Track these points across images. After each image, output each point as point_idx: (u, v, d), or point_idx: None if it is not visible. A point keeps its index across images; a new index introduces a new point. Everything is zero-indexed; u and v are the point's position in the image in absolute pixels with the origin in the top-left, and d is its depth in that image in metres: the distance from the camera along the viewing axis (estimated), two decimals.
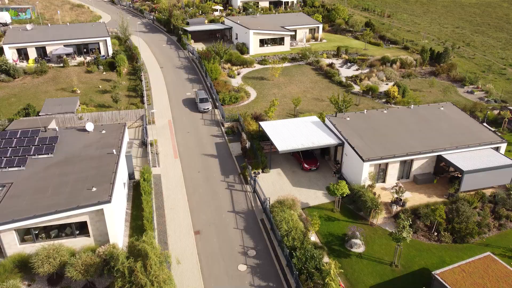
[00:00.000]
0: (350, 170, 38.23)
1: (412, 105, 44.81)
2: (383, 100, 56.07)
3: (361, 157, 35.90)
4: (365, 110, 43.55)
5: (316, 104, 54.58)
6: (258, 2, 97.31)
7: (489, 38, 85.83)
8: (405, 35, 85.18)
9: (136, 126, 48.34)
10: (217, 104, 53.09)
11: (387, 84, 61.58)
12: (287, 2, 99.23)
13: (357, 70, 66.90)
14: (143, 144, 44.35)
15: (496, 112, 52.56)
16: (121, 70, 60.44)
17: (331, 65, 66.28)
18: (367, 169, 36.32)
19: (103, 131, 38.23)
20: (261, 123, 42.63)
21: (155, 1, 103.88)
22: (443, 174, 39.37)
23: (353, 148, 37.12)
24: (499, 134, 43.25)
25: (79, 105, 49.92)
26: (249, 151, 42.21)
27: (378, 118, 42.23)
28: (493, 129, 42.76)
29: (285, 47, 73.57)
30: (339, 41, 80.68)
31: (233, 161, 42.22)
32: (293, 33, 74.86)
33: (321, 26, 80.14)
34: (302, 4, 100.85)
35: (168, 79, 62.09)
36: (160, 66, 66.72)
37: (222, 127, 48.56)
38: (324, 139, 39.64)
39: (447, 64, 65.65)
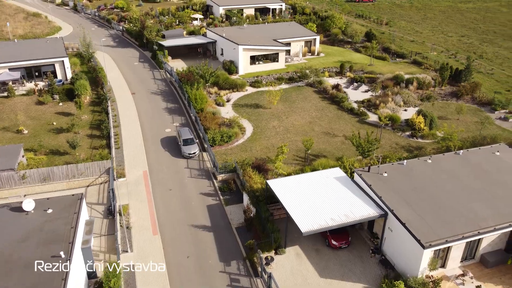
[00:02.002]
0: (399, 252, 27.84)
1: (461, 151, 34.86)
2: (407, 133, 46.13)
3: (419, 242, 25.54)
4: (404, 161, 33.26)
5: (328, 141, 44.11)
6: (242, 10, 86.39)
7: (500, 49, 77.70)
8: (409, 46, 76.02)
9: (101, 183, 36.66)
10: (206, 145, 41.88)
11: (405, 110, 51.74)
12: (275, 9, 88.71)
13: (366, 92, 56.90)
14: (110, 213, 32.74)
15: None
16: (82, 100, 48.42)
17: (337, 86, 56.01)
18: (428, 256, 26.02)
19: (49, 210, 26.56)
20: (269, 182, 31.72)
21: (124, 9, 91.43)
22: None
23: (404, 225, 26.72)
24: None
25: (23, 156, 37.76)
26: (255, 221, 31.29)
27: (422, 172, 32.05)
28: None
29: (280, 64, 62.96)
30: (339, 54, 70.70)
31: (233, 237, 31.16)
32: (288, 47, 64.33)
33: (318, 38, 69.93)
34: (292, 11, 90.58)
35: (142, 109, 50.39)
36: (131, 92, 54.83)
37: (215, 181, 37.40)
38: (360, 208, 29.07)
39: (470, 84, 56.48)
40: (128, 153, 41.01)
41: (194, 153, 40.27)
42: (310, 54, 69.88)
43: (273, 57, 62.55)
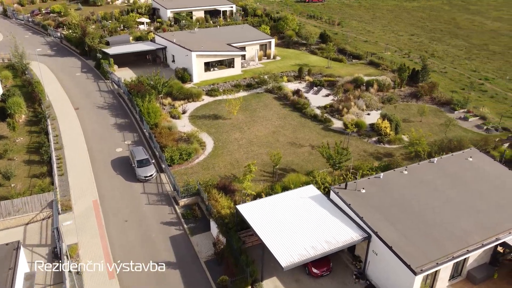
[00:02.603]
0: (386, 277, 25.68)
1: (435, 159, 33.53)
2: (374, 139, 44.66)
3: (410, 268, 23.44)
4: (381, 174, 31.33)
5: (294, 152, 41.58)
6: (191, 12, 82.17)
7: (449, 47, 79.43)
8: (363, 47, 75.64)
9: (43, 218, 31.69)
10: (164, 166, 37.86)
11: (368, 114, 50.47)
12: (225, 11, 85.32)
13: (327, 96, 55.16)
14: (55, 256, 28.06)
15: (505, 145, 43.61)
16: (16, 120, 42.57)
17: (297, 92, 53.75)
18: (419, 282, 24.01)
19: None
20: (239, 208, 28.50)
21: (62, 14, 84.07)
22: (500, 261, 28.38)
23: (391, 248, 24.58)
24: None
25: None
26: (226, 253, 27.96)
27: (401, 185, 30.26)
28: None
29: (236, 70, 59.77)
30: (295, 57, 68.69)
31: (203, 273, 27.64)
32: (245, 52, 61.31)
33: (273, 41, 67.47)
34: (243, 13, 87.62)
35: (88, 126, 45.24)
36: (74, 107, 49.30)
37: (177, 207, 33.57)
38: (341, 231, 26.60)
39: (428, 84, 56.38)
40: (74, 180, 36.10)
41: (151, 175, 36.14)
42: (266, 58, 67.30)
43: (229, 63, 59.26)
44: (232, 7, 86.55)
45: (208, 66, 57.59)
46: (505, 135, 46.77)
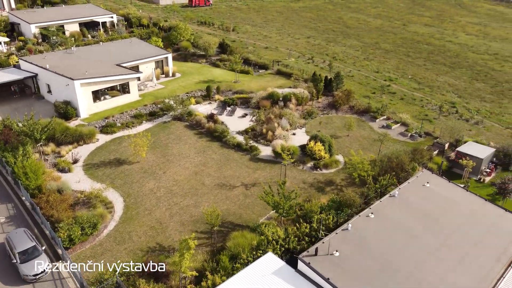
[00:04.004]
0: None
1: (396, 192, 29.57)
2: (309, 165, 39.85)
3: None
4: (349, 225, 26.07)
5: (227, 197, 34.53)
6: (63, 26, 68.66)
7: (346, 47, 79.58)
8: (266, 54, 71.31)
9: None
10: (60, 251, 27.59)
11: (294, 134, 45.70)
12: (105, 22, 73.36)
13: (243, 117, 49.02)
14: None
15: (435, 152, 42.50)
16: None
17: (212, 117, 46.51)
18: None
19: None
20: None
21: None
22: None
23: None
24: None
25: None
26: None
27: (373, 235, 25.43)
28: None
29: (133, 96, 50.02)
30: (197, 72, 61.10)
31: None
32: (140, 73, 51.74)
33: (170, 56, 58.85)
34: (126, 23, 76.50)
35: None
36: None
37: None
38: None
39: (343, 92, 53.82)
40: None
41: (43, 272, 25.75)
42: (164, 76, 58.45)
43: (123, 88, 49.28)
44: (112, 17, 74.97)
45: (97, 94, 46.93)
46: (429, 141, 46.01)
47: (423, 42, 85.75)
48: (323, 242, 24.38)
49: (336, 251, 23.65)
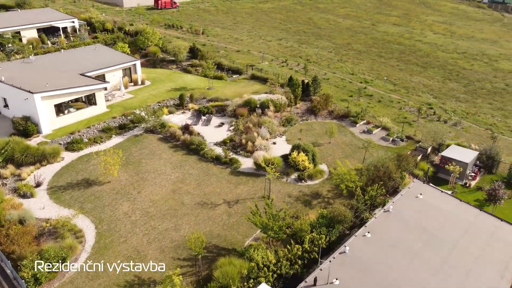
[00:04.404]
0: None
1: (390, 206, 28.06)
2: (293, 177, 37.96)
3: None
4: (346, 247, 24.24)
5: (209, 217, 32.09)
6: (19, 33, 63.75)
7: (318, 49, 78.40)
8: (238, 58, 69.01)
9: None
10: None
11: (274, 143, 43.72)
12: (65, 27, 68.81)
13: (220, 126, 46.60)
14: None
15: (418, 158, 41.63)
16: None
17: (187, 128, 43.81)
18: None
19: None
20: None
21: None
22: None
23: None
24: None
25: None
26: None
27: (373, 258, 23.80)
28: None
29: (100, 108, 46.54)
30: (167, 79, 58.04)
31: None
32: (107, 83, 48.27)
33: (138, 62, 55.52)
34: (88, 28, 72.12)
35: None
36: None
37: None
38: None
39: (321, 96, 52.32)
40: None
41: None
42: (132, 84, 55.06)
43: (89, 99, 45.74)
44: (73, 21, 70.49)
45: (60, 108, 43.24)
46: (412, 145, 45.19)
47: (393, 42, 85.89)
48: (321, 269, 22.46)
49: (336, 279, 21.78)
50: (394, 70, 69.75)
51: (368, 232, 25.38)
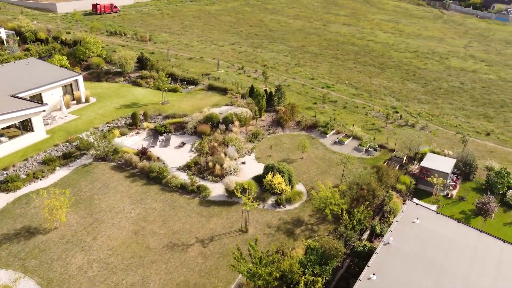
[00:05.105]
0: None
1: (390, 238, 25.11)
2: (270, 202, 34.27)
3: None
4: None
5: (182, 262, 27.56)
6: None
7: (274, 53, 75.38)
8: (191, 66, 64.24)
9: None
10: None
11: (243, 163, 39.77)
12: None
13: (180, 146, 41.88)
14: None
15: (396, 168, 39.59)
16: None
17: (144, 152, 38.69)
18: None
19: None
20: None
21: None
22: None
23: None
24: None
25: None
26: None
27: None
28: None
29: (39, 134, 40.08)
30: (115, 94, 52.18)
31: None
32: (46, 105, 41.77)
33: (80, 77, 49.18)
34: (18, 38, 63.84)
35: None
36: None
37: None
38: None
39: (287, 107, 49.11)
40: None
41: None
42: (75, 103, 48.70)
43: (24, 125, 39.19)
44: None
45: None
46: (386, 154, 43.17)
47: (347, 42, 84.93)
48: None
49: None
50: (353, 73, 68.28)
51: (374, 274, 22.26)
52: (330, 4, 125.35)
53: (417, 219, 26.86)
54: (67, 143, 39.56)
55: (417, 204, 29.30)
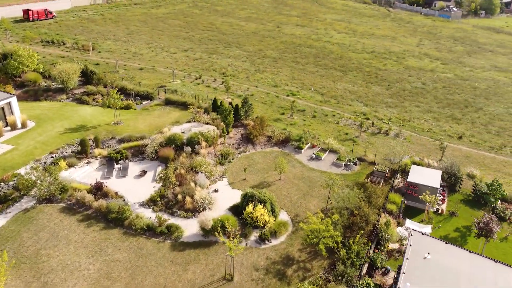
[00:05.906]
0: None
1: (408, 285, 21.75)
2: (253, 238, 30.02)
3: None
4: None
5: None
6: None
7: (231, 59, 70.88)
8: (143, 78, 58.22)
9: None
10: None
11: (216, 191, 35.13)
12: None
13: (141, 176, 36.41)
14: None
15: (381, 184, 36.81)
16: None
17: (99, 188, 32.88)
18: None
19: None
20: None
21: None
22: None
23: None
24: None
25: None
26: None
27: None
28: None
29: None
30: (57, 115, 45.35)
31: None
32: None
33: (14, 99, 41.99)
34: None
35: None
36: None
37: None
38: None
39: (255, 120, 45.01)
40: None
41: None
42: (9, 129, 41.47)
43: None
44: None
45: None
46: (366, 167, 40.34)
47: (304, 45, 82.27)
48: None
49: None
50: (315, 77, 65.46)
51: None
52: (280, 4, 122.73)
53: (428, 254, 23.82)
54: (2, 183, 32.80)
55: (419, 232, 26.32)
